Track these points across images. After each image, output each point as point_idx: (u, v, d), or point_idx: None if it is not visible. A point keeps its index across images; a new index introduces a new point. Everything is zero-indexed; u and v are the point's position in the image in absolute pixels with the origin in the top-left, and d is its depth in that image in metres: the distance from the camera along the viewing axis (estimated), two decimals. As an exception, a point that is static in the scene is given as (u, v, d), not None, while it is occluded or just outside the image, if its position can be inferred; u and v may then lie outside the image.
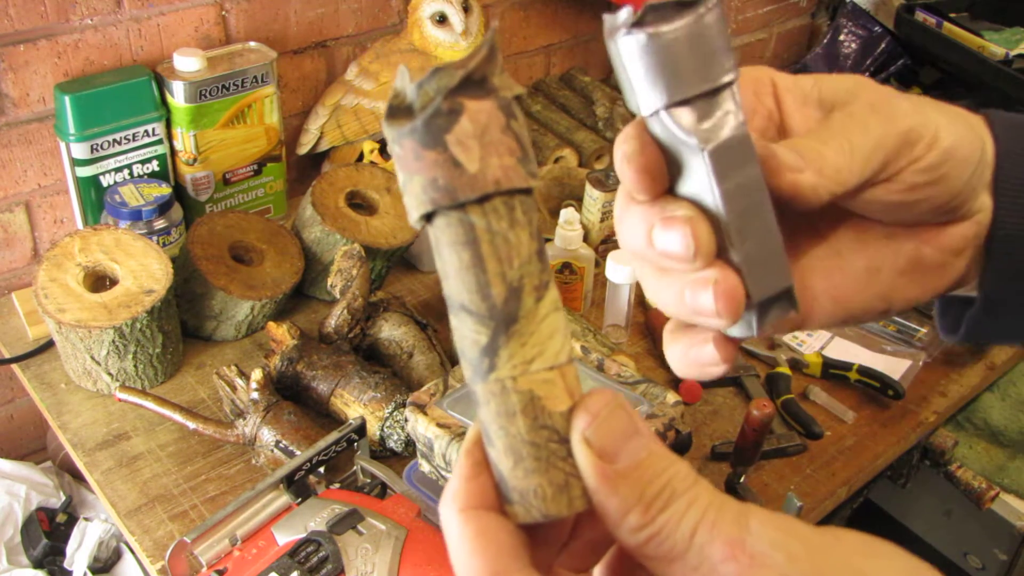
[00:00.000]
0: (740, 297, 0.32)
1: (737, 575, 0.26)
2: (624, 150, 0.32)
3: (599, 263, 1.29)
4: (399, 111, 0.27)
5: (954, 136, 0.36)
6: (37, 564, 1.26)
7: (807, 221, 0.39)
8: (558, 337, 0.28)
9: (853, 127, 0.35)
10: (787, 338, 1.29)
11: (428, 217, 0.28)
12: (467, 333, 0.28)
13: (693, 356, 0.34)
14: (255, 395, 1.01)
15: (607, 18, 0.30)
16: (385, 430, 1.01)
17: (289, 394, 1.07)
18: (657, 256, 0.32)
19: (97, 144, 1.19)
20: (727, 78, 0.31)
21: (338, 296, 1.12)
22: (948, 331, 0.44)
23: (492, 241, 0.27)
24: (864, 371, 1.20)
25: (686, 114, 0.31)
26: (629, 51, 0.30)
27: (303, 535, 0.81)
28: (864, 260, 0.39)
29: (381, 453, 1.03)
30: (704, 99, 0.31)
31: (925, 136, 0.36)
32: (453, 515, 0.28)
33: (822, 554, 0.27)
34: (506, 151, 0.27)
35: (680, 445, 1.03)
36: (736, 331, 0.34)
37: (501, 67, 0.28)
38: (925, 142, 0.36)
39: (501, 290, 0.28)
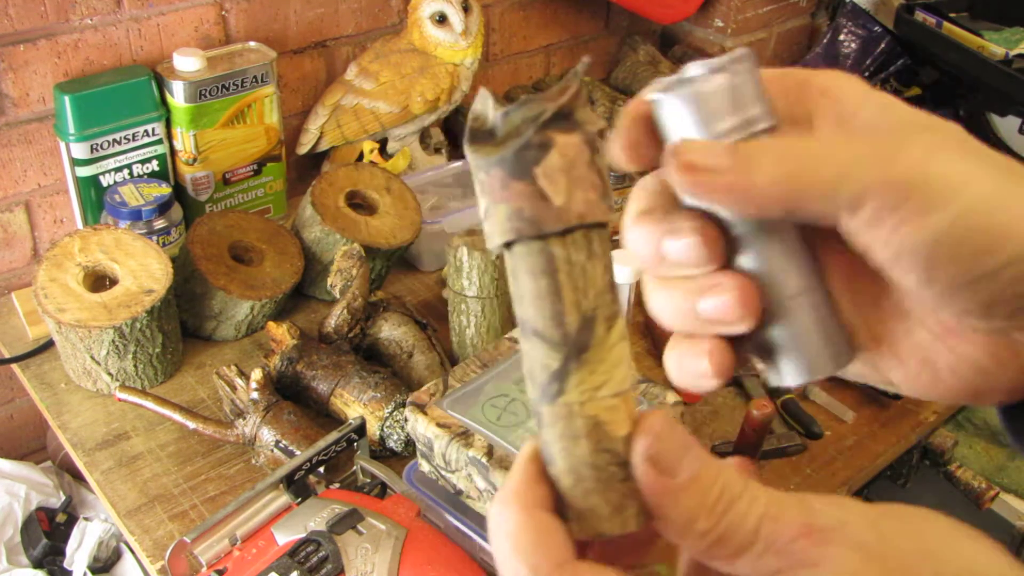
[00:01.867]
0: (753, 300, 0.32)
1: (809, 548, 0.28)
2: (617, 127, 0.32)
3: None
4: (479, 135, 0.28)
5: (987, 198, 0.29)
6: (37, 564, 1.26)
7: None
8: (623, 366, 0.30)
9: (835, 145, 0.30)
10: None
11: (508, 244, 0.29)
12: (538, 357, 0.29)
13: (688, 366, 0.34)
14: (255, 395, 1.01)
15: (649, 94, 0.31)
16: (385, 430, 1.01)
17: (289, 394, 1.07)
18: (667, 263, 0.32)
19: (97, 144, 1.19)
20: (763, 124, 0.31)
21: (338, 296, 1.12)
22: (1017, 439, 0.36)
23: (570, 272, 0.28)
24: (864, 371, 1.20)
25: None
26: (669, 108, 0.31)
27: (303, 535, 0.81)
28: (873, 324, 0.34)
29: (381, 453, 1.03)
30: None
31: (936, 192, 0.29)
32: (515, 513, 0.29)
33: (883, 521, 0.29)
34: (590, 186, 0.28)
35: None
36: (773, 379, 0.34)
37: (585, 100, 0.28)
38: (939, 199, 0.29)
39: (575, 319, 0.29)
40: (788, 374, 0.33)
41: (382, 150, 1.48)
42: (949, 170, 0.29)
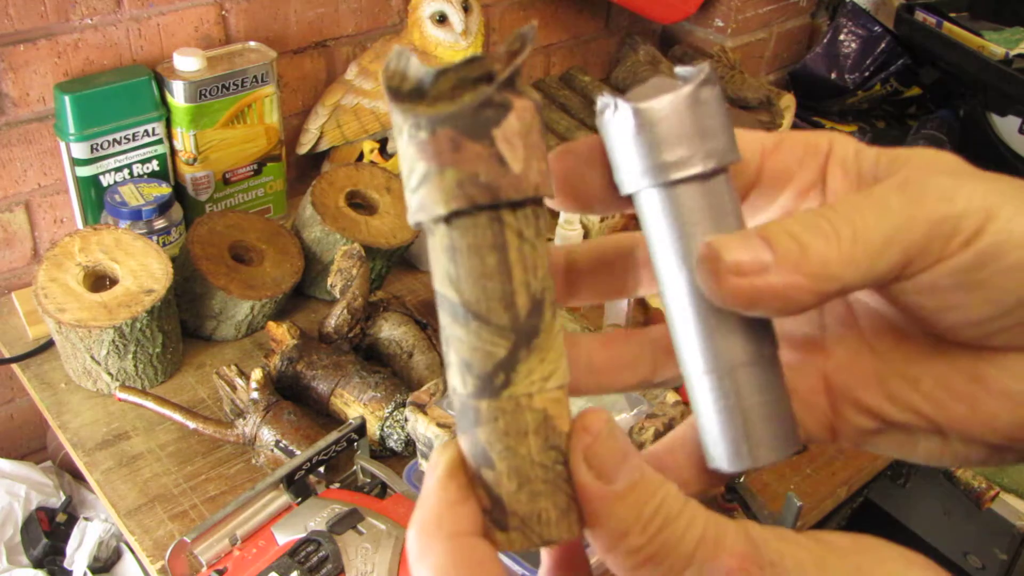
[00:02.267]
0: None
1: None
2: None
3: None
4: (405, 95, 0.25)
5: (1015, 232, 0.27)
6: (37, 564, 1.26)
7: None
8: (564, 358, 0.27)
9: (868, 208, 0.27)
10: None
11: (449, 216, 0.25)
12: (479, 345, 0.26)
13: None
14: (255, 395, 1.01)
15: (599, 99, 0.29)
16: (385, 430, 1.01)
17: (289, 394, 1.07)
18: None
19: (97, 144, 1.19)
20: (730, 158, 0.28)
21: (338, 296, 1.12)
22: None
23: (521, 248, 0.26)
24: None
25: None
26: (611, 128, 0.29)
27: (303, 535, 0.81)
28: (899, 361, 0.31)
29: (381, 453, 1.03)
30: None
31: (964, 226, 0.27)
32: (440, 543, 0.26)
33: (829, 559, 0.27)
34: (543, 156, 0.26)
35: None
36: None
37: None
38: (962, 236, 0.27)
39: (525, 300, 0.26)
40: (718, 458, 0.30)
41: (382, 150, 1.48)
42: (982, 194, 0.28)
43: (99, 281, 1.08)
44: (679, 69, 0.29)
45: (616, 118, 0.28)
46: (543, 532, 0.26)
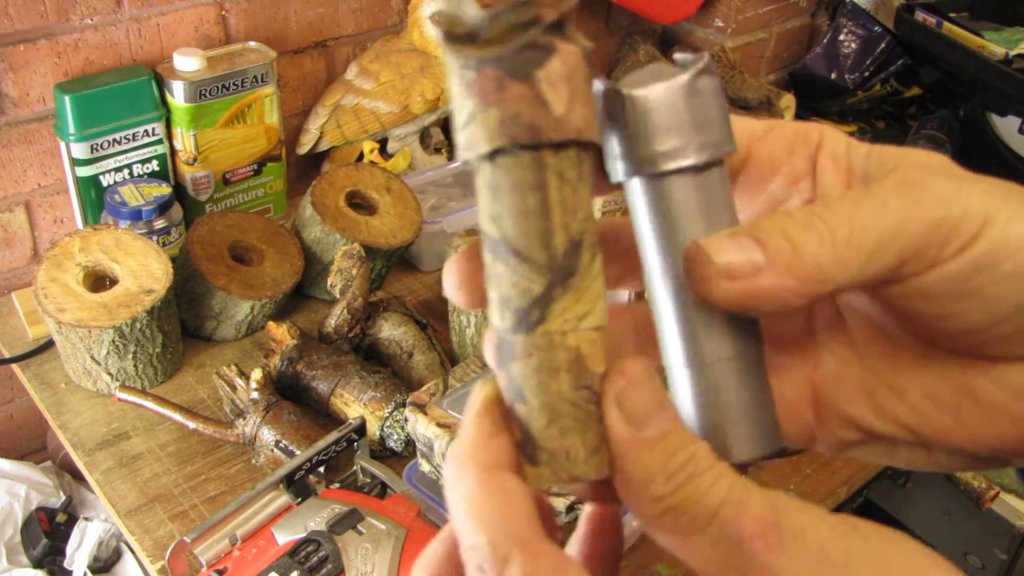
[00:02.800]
0: None
1: (766, 552, 0.25)
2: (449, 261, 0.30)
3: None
4: (458, 38, 0.26)
5: (1012, 238, 0.27)
6: (37, 564, 1.26)
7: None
8: (603, 300, 0.27)
9: (864, 207, 0.27)
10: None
11: (493, 154, 0.26)
12: (517, 281, 0.27)
13: None
14: (255, 395, 1.01)
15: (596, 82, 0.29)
16: (385, 430, 1.01)
17: (289, 394, 1.07)
18: None
19: (97, 144, 1.19)
20: (727, 148, 0.28)
21: (338, 296, 1.12)
22: None
23: (561, 189, 0.26)
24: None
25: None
26: (604, 114, 0.29)
27: (303, 535, 0.81)
28: (888, 371, 0.31)
29: (381, 453, 1.03)
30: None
31: (962, 231, 0.27)
32: (472, 472, 0.26)
33: (851, 539, 0.26)
34: (588, 101, 0.27)
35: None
36: None
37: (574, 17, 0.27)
38: (959, 240, 0.27)
39: (563, 240, 0.27)
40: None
41: (382, 150, 1.48)
42: (980, 198, 0.27)
43: (99, 281, 1.08)
44: (678, 56, 0.29)
45: (608, 104, 0.28)
46: (571, 469, 0.27)
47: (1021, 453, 0.30)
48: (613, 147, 0.29)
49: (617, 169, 0.29)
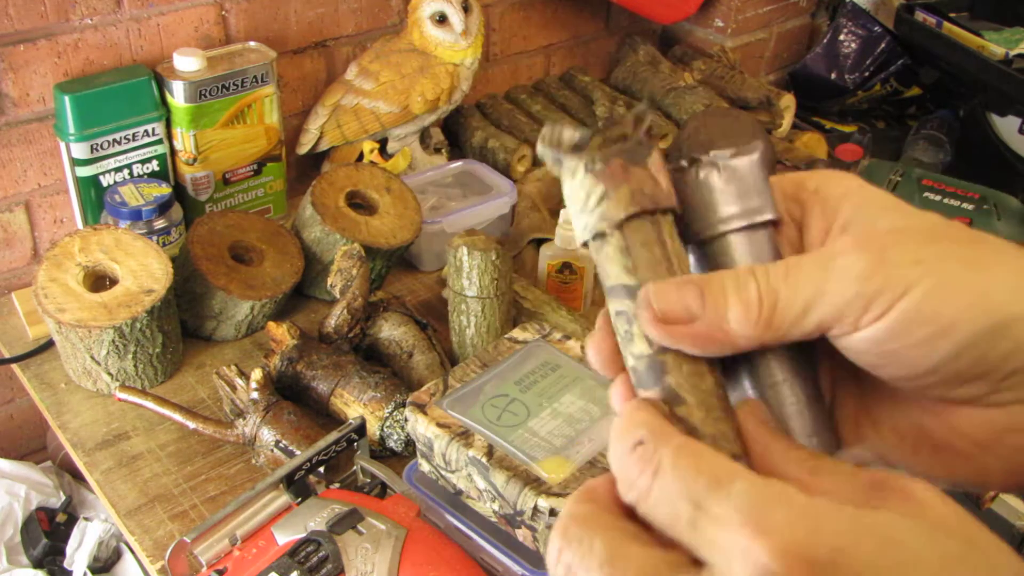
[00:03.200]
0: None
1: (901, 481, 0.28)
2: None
3: (599, 263, 1.29)
4: (574, 148, 0.34)
5: (924, 311, 0.30)
6: (37, 564, 1.26)
7: None
8: None
9: (794, 276, 0.31)
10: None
11: (626, 220, 0.33)
12: None
13: None
14: (255, 395, 1.01)
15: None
16: (385, 430, 1.01)
17: (289, 394, 1.07)
18: None
19: (97, 144, 1.19)
20: (767, 215, 0.35)
21: (338, 296, 1.12)
22: None
23: (672, 242, 0.34)
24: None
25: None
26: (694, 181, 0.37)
27: (303, 535, 0.81)
28: (871, 404, 0.35)
29: (381, 453, 1.03)
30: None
31: (879, 302, 0.30)
32: (672, 445, 0.29)
33: (922, 557, 0.26)
34: (670, 180, 0.35)
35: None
36: None
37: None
38: (875, 311, 0.30)
39: None
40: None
41: (382, 150, 1.48)
42: (903, 271, 0.30)
43: (99, 281, 1.08)
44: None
45: (702, 174, 0.36)
46: (727, 447, 0.32)
47: (979, 485, 0.32)
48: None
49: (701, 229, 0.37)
